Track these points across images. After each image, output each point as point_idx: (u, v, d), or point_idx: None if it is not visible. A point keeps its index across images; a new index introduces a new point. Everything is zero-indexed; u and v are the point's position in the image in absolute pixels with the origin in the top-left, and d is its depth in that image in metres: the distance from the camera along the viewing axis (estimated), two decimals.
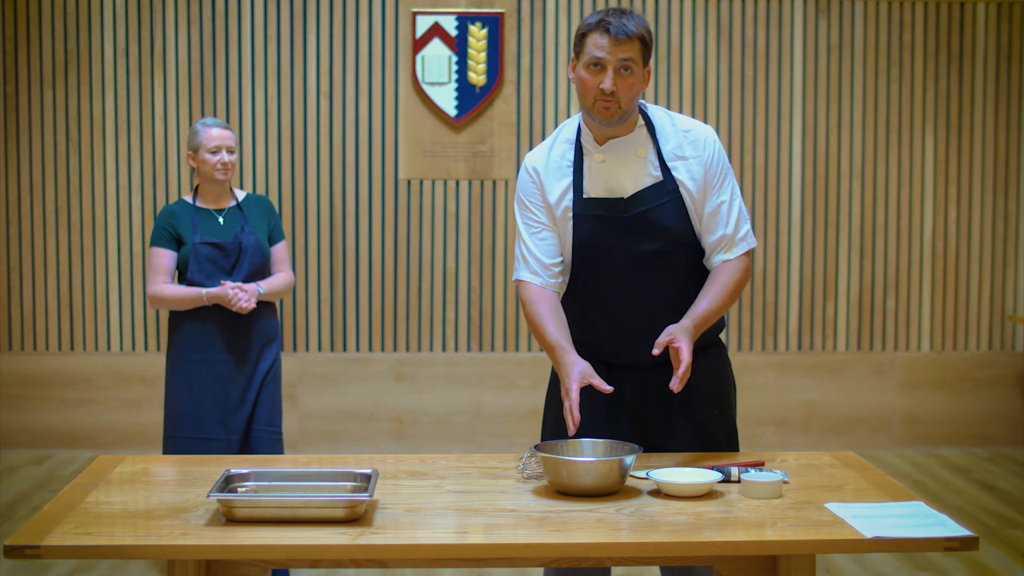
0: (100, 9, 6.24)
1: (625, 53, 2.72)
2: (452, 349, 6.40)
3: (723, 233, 2.85)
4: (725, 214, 2.86)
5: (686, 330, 2.71)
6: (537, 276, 2.89)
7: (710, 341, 2.95)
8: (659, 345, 2.69)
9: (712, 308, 2.79)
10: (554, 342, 2.79)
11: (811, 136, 6.44)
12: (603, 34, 2.72)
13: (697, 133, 2.88)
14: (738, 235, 2.87)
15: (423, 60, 6.28)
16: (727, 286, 2.82)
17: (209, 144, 4.17)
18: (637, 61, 2.74)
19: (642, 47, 2.75)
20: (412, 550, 2.22)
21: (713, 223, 2.85)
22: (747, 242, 2.89)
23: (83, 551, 2.21)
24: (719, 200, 2.85)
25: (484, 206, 6.37)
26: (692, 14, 6.38)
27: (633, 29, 2.72)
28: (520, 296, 2.93)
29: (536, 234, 2.90)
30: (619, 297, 2.86)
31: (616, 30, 2.71)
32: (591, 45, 2.74)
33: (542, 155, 2.93)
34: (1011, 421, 6.54)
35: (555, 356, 2.78)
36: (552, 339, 2.79)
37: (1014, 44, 6.46)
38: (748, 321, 6.46)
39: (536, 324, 2.85)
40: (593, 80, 2.75)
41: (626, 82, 2.74)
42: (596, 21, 2.74)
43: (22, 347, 6.34)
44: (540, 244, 2.89)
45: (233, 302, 4.09)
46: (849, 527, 2.28)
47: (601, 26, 2.73)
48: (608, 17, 2.74)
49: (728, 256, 2.86)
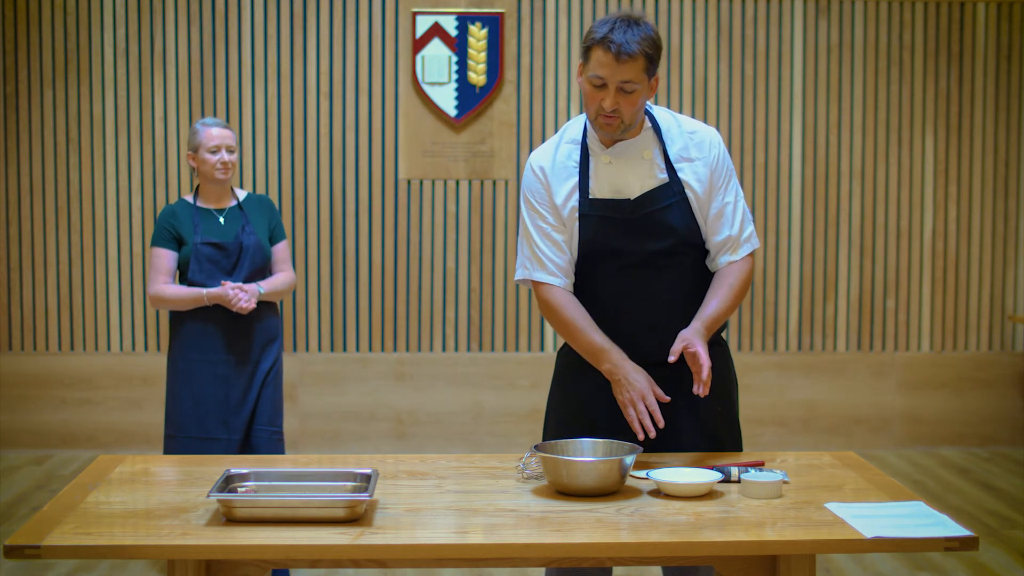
0: (100, 9, 6.24)
1: (626, 75, 2.70)
2: (452, 349, 6.40)
3: (728, 234, 2.87)
4: (730, 215, 2.87)
5: (699, 333, 2.73)
6: (556, 277, 2.89)
7: (713, 340, 2.96)
8: (675, 352, 2.70)
9: (721, 309, 2.81)
10: (604, 344, 2.80)
11: (811, 136, 6.44)
12: (606, 51, 2.69)
13: (702, 135, 2.89)
14: (743, 236, 2.88)
15: (423, 60, 6.28)
16: (734, 287, 2.84)
17: (209, 144, 4.17)
18: (640, 79, 2.71)
19: (646, 63, 2.71)
20: (412, 550, 2.22)
21: (718, 224, 2.86)
22: (751, 243, 2.90)
23: (83, 551, 2.21)
24: (724, 201, 2.87)
25: (484, 206, 6.37)
26: (692, 14, 6.38)
27: (636, 48, 2.68)
28: (540, 298, 2.91)
29: (548, 235, 2.89)
30: (624, 297, 2.87)
31: (618, 50, 2.67)
32: (595, 61, 2.72)
33: (548, 155, 2.92)
34: (1011, 421, 6.54)
35: (607, 358, 2.78)
36: (599, 342, 2.80)
37: (1014, 44, 6.46)
38: (748, 321, 6.46)
39: (573, 327, 2.85)
40: (595, 95, 2.74)
41: (629, 99, 2.73)
42: (601, 36, 2.70)
43: (22, 347, 6.34)
44: (552, 245, 2.89)
45: (233, 302, 4.09)
46: (849, 527, 2.28)
47: (604, 43, 2.69)
48: (613, 33, 2.69)
49: (733, 257, 2.87)
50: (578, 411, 2.92)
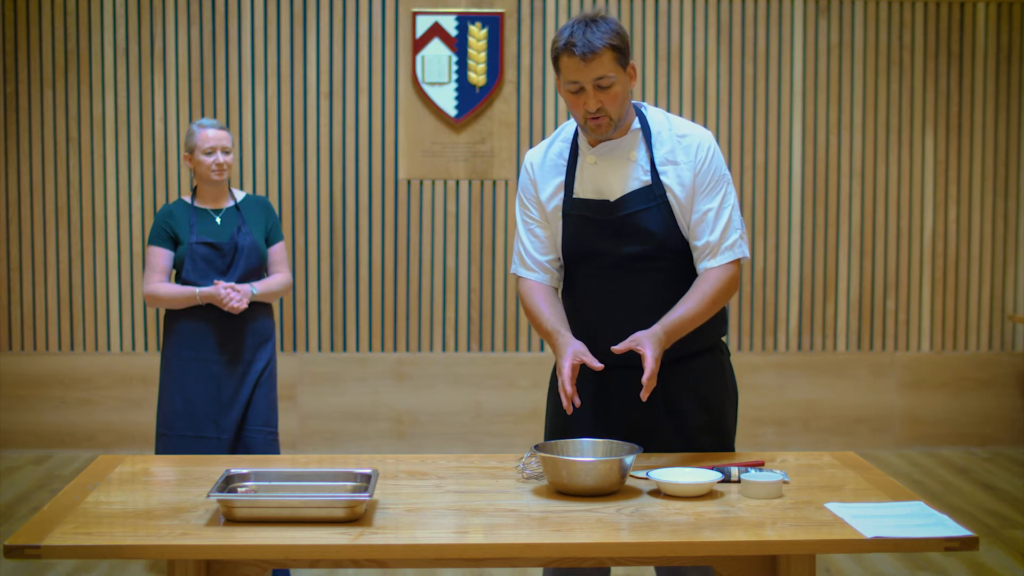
0: (100, 9, 6.24)
1: (597, 72, 2.69)
2: (452, 349, 6.40)
3: (707, 240, 2.80)
4: (711, 221, 2.80)
5: (654, 336, 2.66)
6: (532, 272, 2.91)
7: (708, 345, 2.92)
8: (617, 350, 2.66)
9: (688, 316, 2.73)
10: (550, 328, 2.80)
11: (811, 136, 6.44)
12: (570, 56, 2.68)
13: (692, 138, 2.84)
14: (724, 243, 2.81)
15: (423, 60, 6.28)
16: (707, 294, 2.76)
17: (204, 145, 4.18)
18: (613, 70, 2.70)
19: (615, 55, 2.70)
20: (412, 550, 2.22)
21: (698, 230, 2.81)
22: (734, 251, 2.81)
23: (83, 551, 2.21)
24: (706, 207, 2.81)
25: (484, 206, 6.37)
26: (692, 14, 6.37)
27: (599, 43, 2.67)
28: (518, 291, 2.96)
29: (532, 230, 2.92)
30: (605, 297, 2.86)
31: (582, 50, 2.66)
32: (565, 69, 2.71)
33: (540, 152, 2.94)
34: (1011, 421, 6.54)
35: (552, 340, 2.79)
36: (548, 325, 2.81)
37: (1014, 44, 6.46)
38: (748, 321, 6.46)
39: (533, 314, 2.87)
40: (577, 100, 2.74)
41: (609, 95, 2.72)
42: (564, 43, 2.69)
43: (22, 347, 6.34)
44: (535, 241, 2.92)
45: (225, 301, 4.10)
46: (849, 527, 2.28)
47: (567, 48, 2.68)
48: (573, 36, 2.68)
49: (711, 263, 2.80)
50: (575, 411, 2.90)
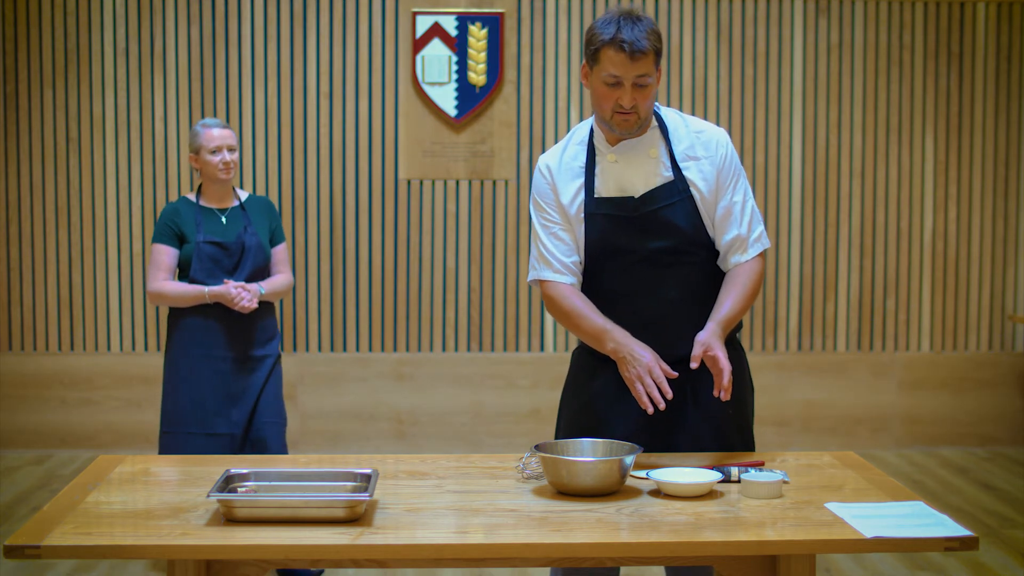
0: (100, 9, 6.24)
1: (641, 70, 2.73)
2: (452, 349, 6.40)
3: (737, 234, 2.87)
4: (738, 215, 2.87)
5: (716, 335, 2.72)
6: (561, 274, 2.91)
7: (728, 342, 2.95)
8: (695, 358, 2.70)
9: (735, 310, 2.81)
10: (601, 326, 2.80)
11: (811, 136, 6.44)
12: (618, 51, 2.71)
13: (710, 134, 2.90)
14: (752, 236, 2.89)
15: (423, 60, 6.28)
16: (747, 287, 2.84)
17: (210, 145, 4.20)
18: (653, 71, 2.76)
19: (655, 56, 2.75)
20: (412, 550, 2.22)
21: (726, 224, 2.87)
22: (761, 243, 2.90)
23: (83, 551, 2.21)
24: (732, 201, 2.87)
25: (484, 206, 6.37)
26: (692, 14, 6.38)
27: (647, 44, 2.72)
28: (545, 295, 2.93)
29: (554, 234, 2.92)
30: (632, 295, 2.88)
31: (631, 48, 2.70)
32: (607, 61, 2.74)
33: (556, 156, 2.95)
34: (1011, 421, 6.54)
35: (606, 338, 2.78)
36: (598, 323, 2.81)
37: (1014, 44, 6.46)
38: (748, 321, 6.46)
39: (575, 314, 2.85)
40: (611, 94, 2.77)
41: (644, 93, 2.77)
42: (610, 37, 2.72)
43: (22, 347, 6.34)
44: (559, 244, 2.91)
45: (236, 301, 4.12)
46: (849, 527, 2.28)
47: (615, 43, 2.71)
48: (621, 32, 2.71)
49: (743, 257, 2.87)
50: (588, 410, 2.92)
